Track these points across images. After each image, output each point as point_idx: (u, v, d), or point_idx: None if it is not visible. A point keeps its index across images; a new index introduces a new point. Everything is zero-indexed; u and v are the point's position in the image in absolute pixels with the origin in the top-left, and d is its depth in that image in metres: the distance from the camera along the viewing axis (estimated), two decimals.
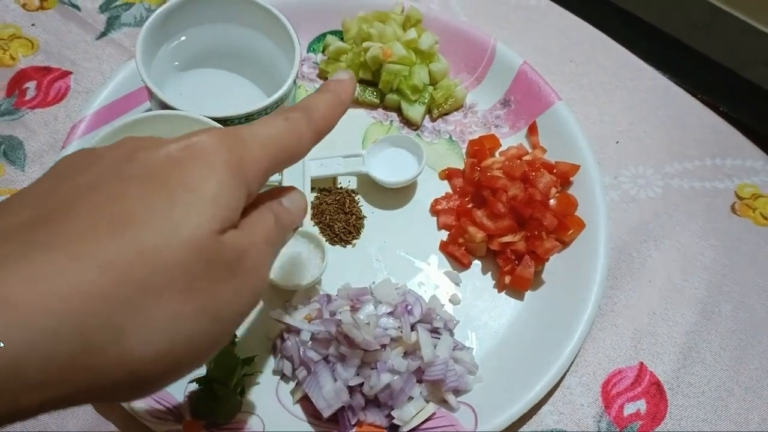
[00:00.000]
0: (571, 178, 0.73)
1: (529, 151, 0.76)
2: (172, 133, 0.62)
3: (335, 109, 0.41)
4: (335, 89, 0.42)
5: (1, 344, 0.24)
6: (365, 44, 0.77)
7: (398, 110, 0.80)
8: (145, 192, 0.30)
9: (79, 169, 0.32)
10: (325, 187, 0.73)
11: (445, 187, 0.75)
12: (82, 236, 0.28)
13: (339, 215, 0.71)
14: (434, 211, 0.73)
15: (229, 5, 0.70)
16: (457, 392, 0.62)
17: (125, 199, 0.30)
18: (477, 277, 0.70)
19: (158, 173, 0.31)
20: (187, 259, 0.30)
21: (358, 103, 0.80)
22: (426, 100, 0.78)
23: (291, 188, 0.41)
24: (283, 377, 0.63)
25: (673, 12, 1.51)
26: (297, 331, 0.61)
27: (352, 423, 0.59)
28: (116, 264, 0.28)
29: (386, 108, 0.80)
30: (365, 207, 0.73)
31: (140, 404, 0.58)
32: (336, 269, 0.68)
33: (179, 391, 0.60)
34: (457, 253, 0.70)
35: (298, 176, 0.71)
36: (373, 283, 0.66)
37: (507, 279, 0.68)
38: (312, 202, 0.72)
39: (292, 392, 0.62)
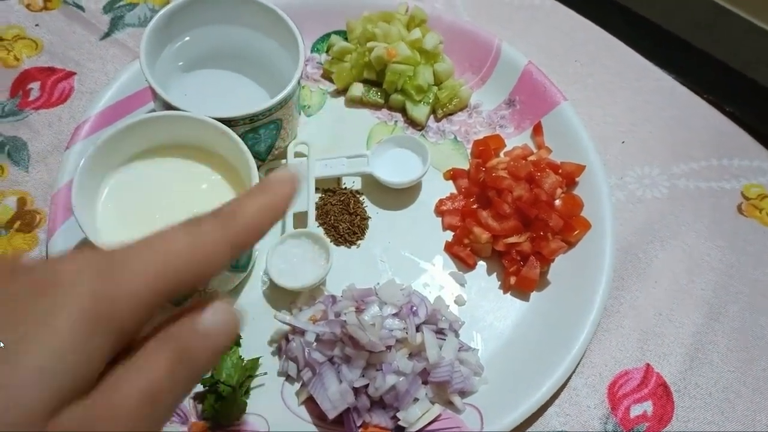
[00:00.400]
0: (577, 179, 0.73)
1: (535, 151, 0.76)
2: (176, 134, 0.62)
3: (267, 216, 0.34)
4: (274, 190, 0.35)
5: None
6: (369, 44, 0.77)
7: (403, 110, 0.79)
8: None
9: None
10: (330, 188, 0.73)
11: (449, 188, 0.75)
12: None
13: (344, 216, 0.71)
14: (439, 211, 0.73)
15: (233, 6, 0.69)
16: (462, 394, 0.62)
17: None
18: (482, 277, 0.70)
19: None
20: None
21: (362, 103, 0.79)
22: (430, 101, 0.78)
23: (215, 302, 0.32)
24: (288, 378, 0.63)
25: (677, 11, 1.50)
26: (302, 333, 0.61)
27: (358, 425, 0.59)
28: None
29: (391, 108, 0.80)
30: (370, 207, 0.73)
31: None
32: (341, 270, 0.68)
33: None
34: (462, 253, 0.70)
35: (303, 177, 0.71)
36: (378, 284, 0.66)
37: (512, 280, 0.68)
38: (317, 203, 0.71)
39: (297, 393, 0.62)
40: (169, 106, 0.63)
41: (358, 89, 0.79)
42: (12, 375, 0.23)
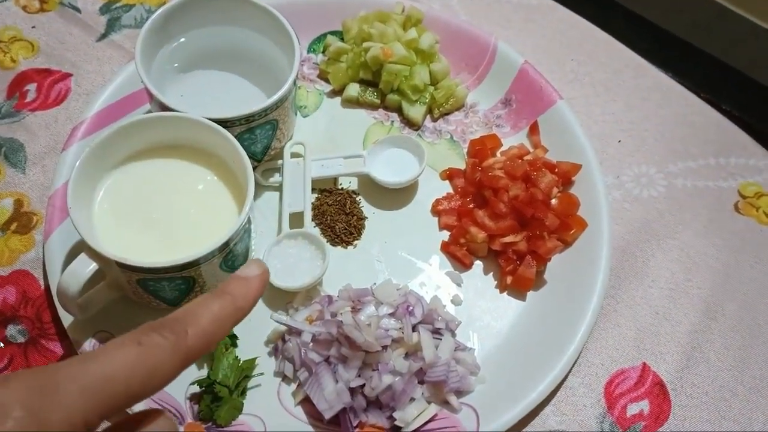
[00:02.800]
0: (573, 178, 0.73)
1: (531, 150, 0.76)
2: (173, 135, 0.63)
3: (224, 322, 0.33)
4: (234, 292, 0.34)
5: None
6: (366, 44, 0.77)
7: (399, 110, 0.79)
8: None
9: None
10: (326, 188, 0.73)
11: (446, 188, 0.75)
12: None
13: (340, 216, 0.71)
14: (435, 211, 0.73)
15: (228, 6, 0.70)
16: (459, 393, 0.62)
17: None
18: (479, 277, 0.70)
19: None
20: None
21: (359, 103, 0.79)
22: (427, 100, 0.78)
23: (155, 415, 0.32)
24: (285, 379, 0.63)
25: (675, 10, 1.50)
26: (298, 333, 0.61)
27: (354, 424, 0.59)
28: None
29: (387, 108, 0.80)
30: (366, 208, 0.73)
31: (140, 406, 0.58)
32: (337, 270, 0.68)
33: (180, 393, 0.60)
34: (459, 253, 0.70)
35: (299, 177, 0.71)
36: (375, 283, 0.66)
37: (509, 279, 0.68)
38: (313, 203, 0.71)
39: (294, 394, 0.62)
40: (165, 107, 0.63)
41: (354, 89, 0.79)
42: None
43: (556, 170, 0.72)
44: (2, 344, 0.63)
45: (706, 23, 1.48)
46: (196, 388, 0.60)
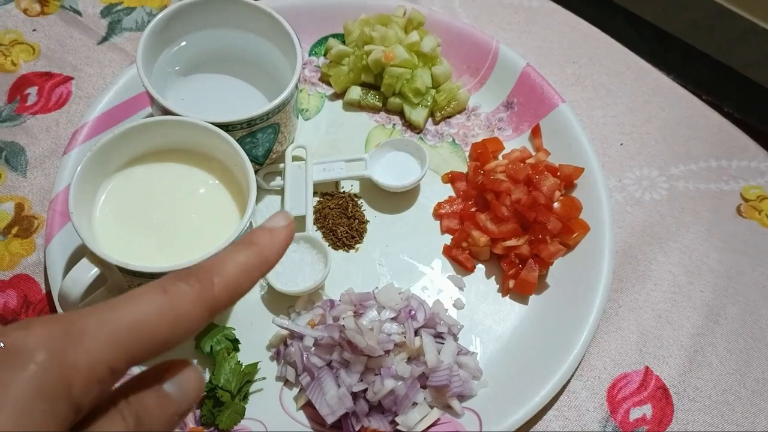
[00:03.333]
0: (575, 181, 0.73)
1: (533, 153, 0.76)
2: (174, 139, 0.62)
3: (251, 272, 0.32)
4: (261, 242, 0.33)
5: None
6: (367, 47, 0.77)
7: (401, 113, 0.79)
8: None
9: None
10: (328, 192, 0.73)
11: (448, 191, 0.75)
12: None
13: (342, 219, 0.71)
14: (437, 215, 0.73)
15: (229, 10, 0.69)
16: (461, 397, 0.61)
17: None
18: (481, 281, 0.70)
19: None
20: None
21: (360, 106, 0.79)
22: (428, 103, 0.78)
23: (181, 365, 0.31)
24: (287, 383, 0.62)
25: (676, 12, 1.50)
26: (300, 337, 0.61)
27: (356, 429, 0.58)
28: None
29: (389, 111, 0.80)
30: (368, 211, 0.73)
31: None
32: (339, 274, 0.68)
33: None
34: (461, 257, 0.70)
35: (301, 181, 0.71)
36: (377, 287, 0.66)
37: (511, 283, 0.68)
38: (315, 207, 0.71)
39: (296, 398, 0.62)
40: (166, 111, 0.63)
41: (355, 92, 0.79)
42: None
43: (559, 173, 0.72)
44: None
45: (707, 24, 1.48)
46: None
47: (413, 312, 0.61)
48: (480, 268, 0.70)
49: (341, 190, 0.73)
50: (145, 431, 0.28)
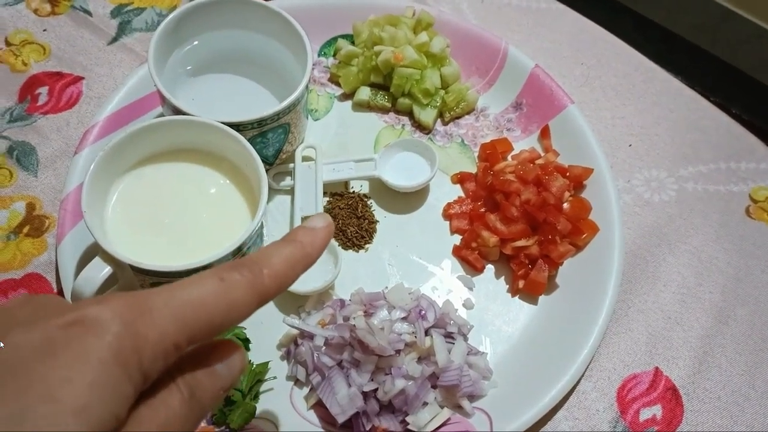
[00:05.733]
0: (585, 182, 0.73)
1: (542, 154, 0.76)
2: (185, 139, 0.63)
3: (295, 266, 0.35)
4: (303, 240, 0.36)
5: None
6: (376, 48, 0.77)
7: (410, 114, 0.79)
8: None
9: None
10: (338, 192, 0.73)
11: (457, 191, 0.75)
12: None
13: (352, 220, 0.71)
14: (447, 215, 0.73)
15: (240, 10, 0.70)
16: (471, 397, 0.62)
17: None
18: (490, 281, 0.70)
19: (17, 370, 0.26)
20: None
21: (369, 107, 0.79)
22: (438, 104, 0.78)
23: (230, 346, 0.34)
24: (297, 383, 0.63)
25: (683, 14, 1.50)
26: (311, 337, 0.61)
27: (367, 429, 0.59)
28: None
29: (398, 112, 0.80)
30: (378, 211, 0.73)
31: None
32: (349, 274, 0.68)
33: None
34: (471, 257, 0.70)
35: (311, 181, 0.71)
36: (387, 287, 0.66)
37: (521, 283, 0.68)
38: (324, 207, 0.72)
39: (306, 398, 0.62)
40: (177, 111, 0.63)
41: (365, 93, 0.79)
42: (54, 413, 0.25)
43: (568, 174, 0.72)
44: None
45: (713, 26, 1.48)
46: None
47: (423, 312, 0.61)
48: (489, 268, 0.71)
49: (351, 191, 0.74)
50: (196, 405, 0.31)
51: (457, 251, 0.71)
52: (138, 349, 0.28)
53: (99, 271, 0.55)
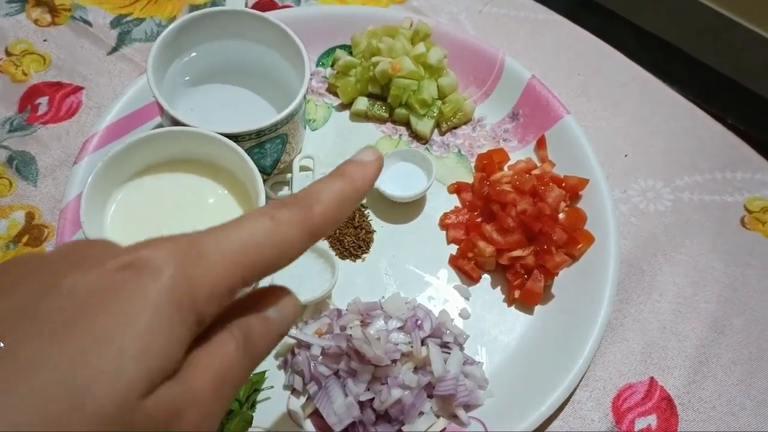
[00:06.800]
0: (581, 192, 0.74)
1: (538, 165, 0.76)
2: (183, 149, 0.63)
3: (345, 202, 0.34)
4: (352, 174, 0.35)
5: None
6: (374, 59, 0.78)
7: (407, 124, 0.80)
8: (45, 345, 0.24)
9: None
10: None
11: (454, 201, 0.75)
12: None
13: (349, 229, 0.71)
14: (443, 225, 0.74)
15: (239, 21, 0.70)
16: (467, 407, 0.62)
17: (19, 354, 0.24)
18: (486, 291, 0.70)
19: (74, 313, 0.25)
20: None
21: (367, 117, 0.80)
22: (435, 114, 0.78)
23: (281, 292, 0.33)
24: (294, 392, 0.63)
25: (680, 24, 1.51)
26: (307, 346, 0.61)
27: None
28: None
29: (395, 122, 0.80)
30: (375, 221, 0.73)
31: None
32: (346, 284, 0.68)
33: None
34: (467, 267, 0.70)
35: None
36: (383, 297, 0.66)
37: (517, 293, 0.68)
38: None
39: (303, 407, 0.62)
40: (175, 122, 0.63)
41: (362, 103, 0.79)
42: (113, 356, 0.24)
43: (564, 185, 0.73)
44: None
45: (711, 36, 1.49)
46: None
47: (420, 322, 0.62)
48: (486, 278, 0.71)
49: None
50: (253, 347, 0.30)
51: (453, 261, 0.71)
52: (193, 293, 0.27)
53: None
